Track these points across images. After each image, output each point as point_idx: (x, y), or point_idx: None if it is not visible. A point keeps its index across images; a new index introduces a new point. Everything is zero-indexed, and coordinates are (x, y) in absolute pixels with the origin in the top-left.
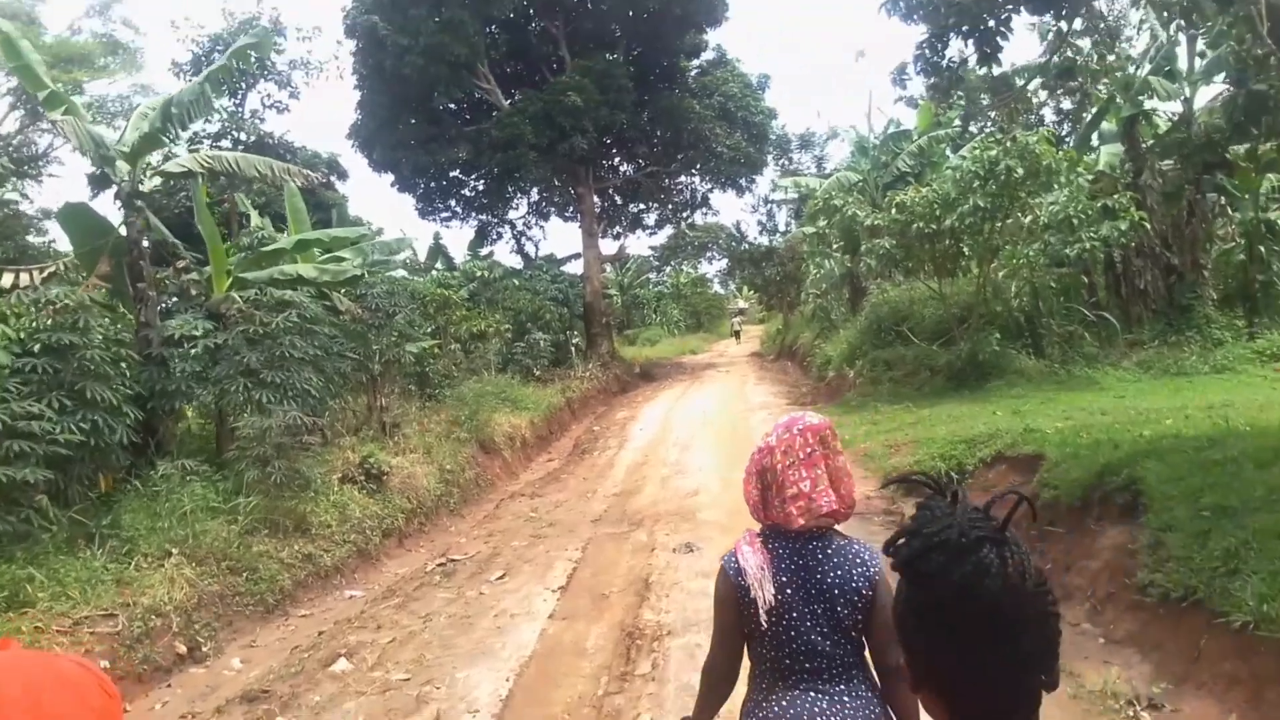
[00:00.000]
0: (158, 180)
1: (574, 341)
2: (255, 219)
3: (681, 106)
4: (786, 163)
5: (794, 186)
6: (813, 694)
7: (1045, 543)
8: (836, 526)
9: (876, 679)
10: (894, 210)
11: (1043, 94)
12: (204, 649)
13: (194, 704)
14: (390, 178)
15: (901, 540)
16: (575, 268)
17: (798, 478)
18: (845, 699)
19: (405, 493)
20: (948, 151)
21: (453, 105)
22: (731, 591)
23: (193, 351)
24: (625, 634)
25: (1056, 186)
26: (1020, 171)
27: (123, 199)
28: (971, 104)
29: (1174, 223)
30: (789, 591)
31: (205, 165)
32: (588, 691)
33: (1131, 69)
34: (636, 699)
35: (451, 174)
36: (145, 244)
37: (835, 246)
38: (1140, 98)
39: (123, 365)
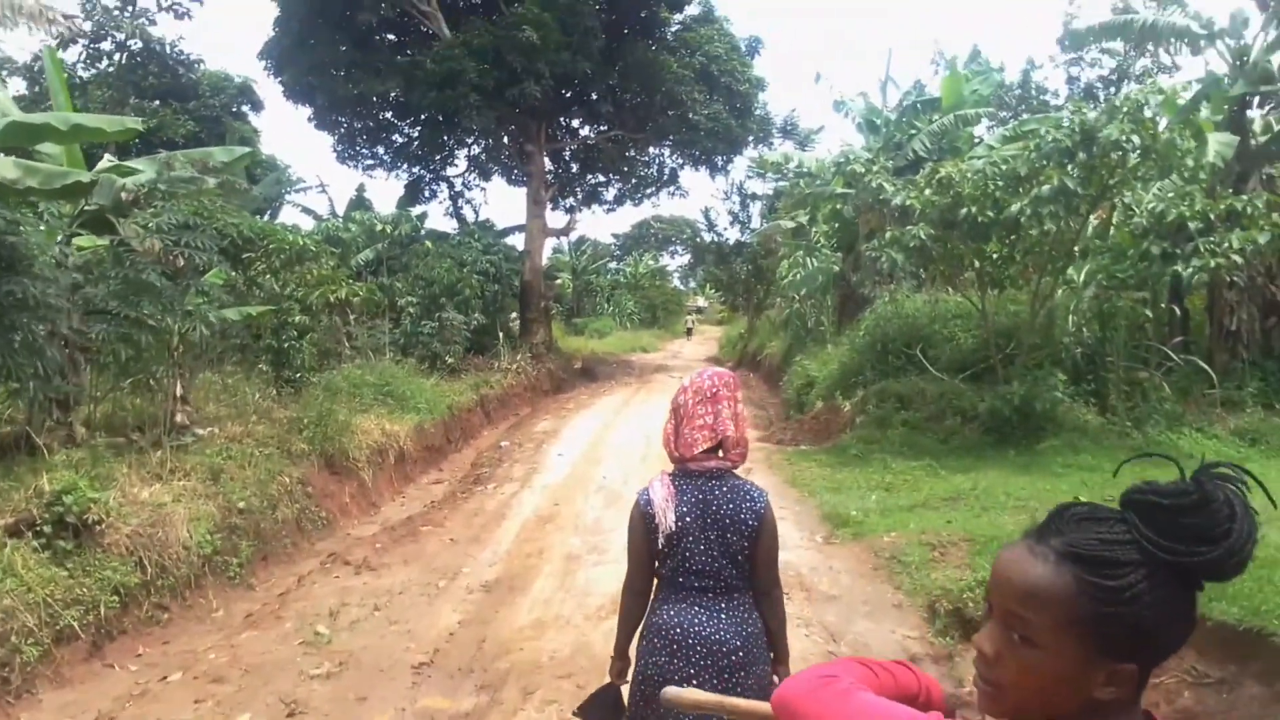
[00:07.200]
0: None
1: (511, 324)
2: None
3: (657, 63)
4: (766, 148)
5: (784, 160)
6: (696, 607)
7: None
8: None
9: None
10: (930, 189)
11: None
12: None
13: None
14: (308, 111)
15: (1226, 540)
16: (520, 242)
17: (704, 411)
18: (723, 615)
19: (140, 552)
20: (975, 136)
21: (384, 28)
22: (641, 519)
23: None
24: None
25: (1176, 172)
26: (1136, 142)
27: None
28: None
29: None
30: (688, 520)
31: None
32: None
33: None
34: None
35: (381, 116)
36: None
37: (821, 242)
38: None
39: None
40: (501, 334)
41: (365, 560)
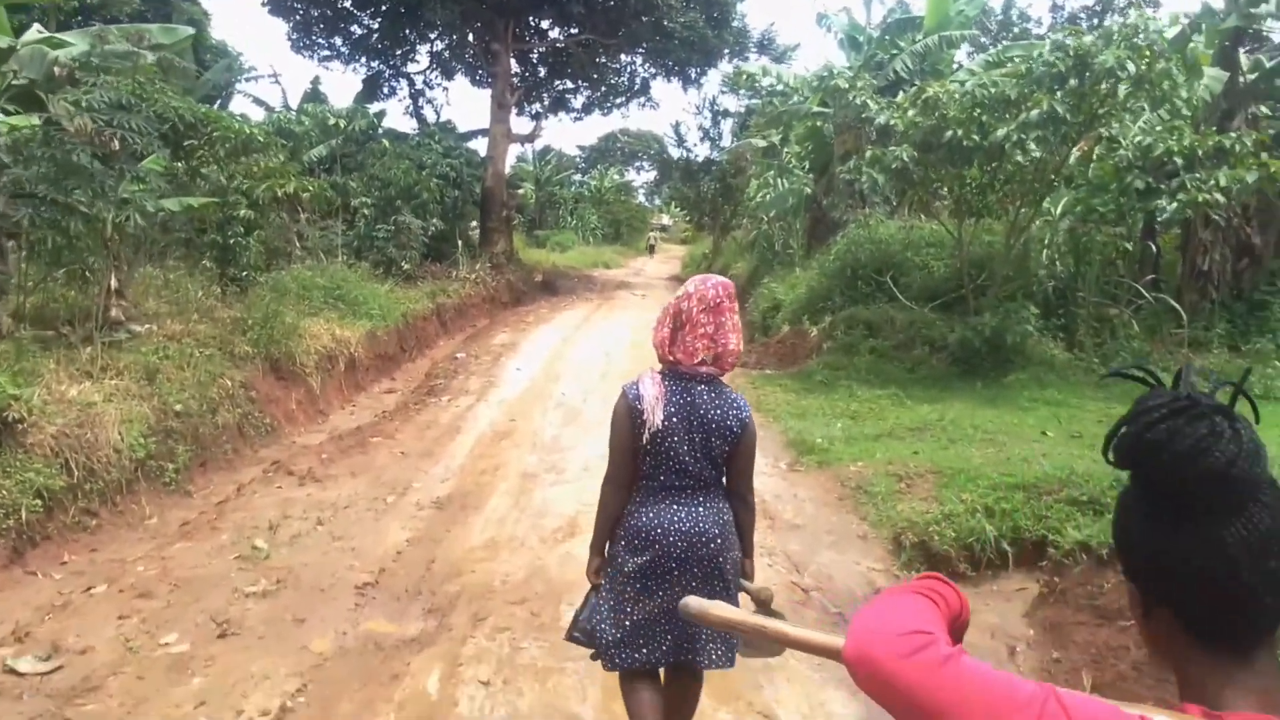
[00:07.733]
0: None
1: (471, 232)
2: None
3: None
4: (741, 63)
5: (761, 74)
6: (675, 505)
7: None
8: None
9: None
10: (914, 110)
11: None
12: None
13: None
14: None
15: (1132, 422)
16: (482, 148)
17: (706, 320)
18: (701, 509)
19: (67, 454)
20: (955, 61)
21: None
22: (628, 413)
23: None
24: None
25: (1168, 104)
26: (1131, 70)
27: None
28: None
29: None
30: (675, 420)
31: None
32: None
33: None
34: None
35: (339, 4)
36: None
37: (793, 163)
38: (1254, 9)
39: None
40: (460, 242)
41: (310, 471)
